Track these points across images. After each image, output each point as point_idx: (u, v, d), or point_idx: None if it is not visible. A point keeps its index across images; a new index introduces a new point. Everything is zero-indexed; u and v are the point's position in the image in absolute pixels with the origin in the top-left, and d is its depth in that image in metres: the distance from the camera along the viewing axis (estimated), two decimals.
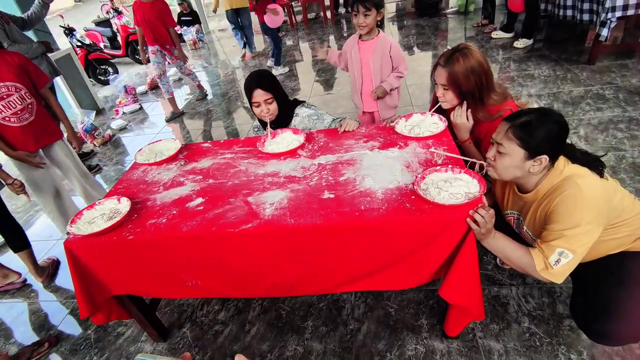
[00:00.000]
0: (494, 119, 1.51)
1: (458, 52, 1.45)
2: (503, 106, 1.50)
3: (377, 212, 1.24)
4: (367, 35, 2.16)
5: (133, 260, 1.40)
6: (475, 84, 1.45)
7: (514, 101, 1.56)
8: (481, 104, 1.51)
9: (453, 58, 1.45)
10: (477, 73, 1.44)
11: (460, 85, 1.46)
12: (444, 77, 1.49)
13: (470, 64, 1.43)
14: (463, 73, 1.44)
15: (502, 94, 1.53)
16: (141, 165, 1.78)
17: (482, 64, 1.45)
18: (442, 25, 5.99)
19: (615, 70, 3.59)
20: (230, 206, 1.40)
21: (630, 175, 2.30)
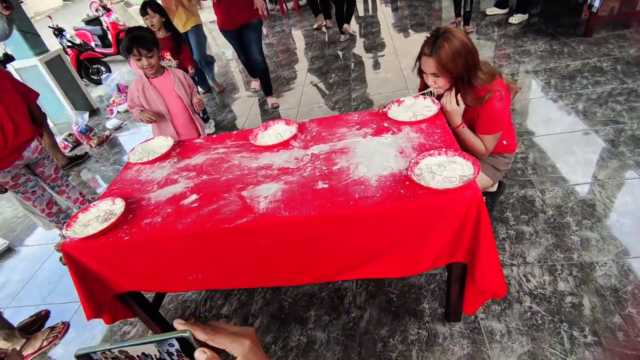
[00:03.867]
0: (484, 102, 1.48)
1: (441, 37, 1.42)
2: (492, 86, 1.48)
3: (371, 200, 1.23)
4: (155, 73, 2.15)
5: (131, 260, 1.40)
6: (463, 65, 1.43)
7: (503, 79, 1.53)
8: (469, 85, 1.48)
9: (437, 45, 1.42)
10: (463, 54, 1.42)
11: (450, 69, 1.44)
12: (432, 66, 1.46)
13: (455, 46, 1.41)
14: (450, 57, 1.41)
15: (489, 73, 1.50)
16: (134, 165, 1.77)
17: (466, 44, 1.43)
18: (436, 5, 5.88)
19: (612, 41, 3.52)
20: (224, 201, 1.39)
21: (630, 148, 2.27)
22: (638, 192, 1.99)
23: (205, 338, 0.54)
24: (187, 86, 2.26)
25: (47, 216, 2.42)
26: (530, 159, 2.39)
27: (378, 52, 4.69)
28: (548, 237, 1.87)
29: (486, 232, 1.20)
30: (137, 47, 2.00)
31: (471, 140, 1.58)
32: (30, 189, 2.28)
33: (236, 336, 0.57)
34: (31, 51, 4.29)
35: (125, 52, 2.04)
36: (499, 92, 1.47)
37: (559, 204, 2.03)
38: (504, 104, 1.50)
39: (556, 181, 2.18)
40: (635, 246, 1.74)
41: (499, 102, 1.48)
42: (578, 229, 1.88)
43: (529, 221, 1.98)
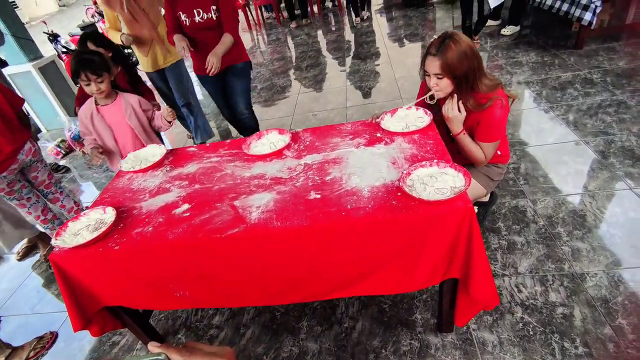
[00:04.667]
0: (485, 108, 1.50)
1: (448, 38, 1.44)
2: (494, 94, 1.50)
3: (363, 210, 1.23)
4: (106, 99, 1.99)
5: (121, 271, 1.38)
6: (468, 67, 1.45)
7: (504, 90, 1.55)
8: (472, 90, 1.50)
9: (445, 45, 1.44)
10: (469, 57, 1.44)
11: (455, 70, 1.45)
12: (437, 66, 1.47)
13: (462, 48, 1.43)
14: (457, 58, 1.43)
15: (493, 81, 1.52)
16: (126, 173, 1.76)
17: (472, 47, 1.45)
18: (430, 16, 5.96)
19: (602, 53, 3.59)
20: (216, 211, 1.39)
21: (620, 159, 2.31)
22: (628, 204, 2.01)
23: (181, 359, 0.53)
24: (141, 113, 2.07)
25: (42, 222, 2.40)
26: (522, 169, 2.42)
27: (372, 61, 4.73)
28: (539, 247, 1.89)
29: (478, 243, 1.20)
30: (85, 71, 1.83)
31: (471, 147, 1.59)
32: (25, 195, 2.27)
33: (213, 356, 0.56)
34: (25, 57, 4.28)
35: (73, 76, 1.87)
36: (500, 101, 1.49)
37: (550, 214, 2.05)
38: (504, 113, 1.52)
39: (547, 191, 2.20)
40: (625, 257, 1.75)
41: (500, 111, 1.50)
42: (569, 240, 1.89)
43: (521, 231, 1.99)
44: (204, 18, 2.37)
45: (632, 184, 2.12)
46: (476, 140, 1.61)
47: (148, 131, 2.14)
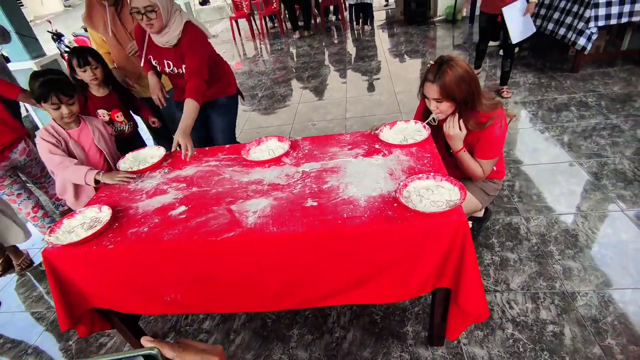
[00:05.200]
0: (485, 128, 1.53)
1: (444, 64, 1.47)
2: (494, 113, 1.53)
3: (359, 220, 1.24)
4: (73, 123, 1.84)
5: (113, 271, 1.38)
6: (466, 91, 1.48)
7: (503, 110, 1.59)
8: (472, 110, 1.53)
9: (441, 71, 1.47)
10: (467, 81, 1.47)
11: (454, 95, 1.48)
12: (435, 92, 1.50)
13: (459, 73, 1.45)
14: (454, 83, 1.46)
15: (492, 100, 1.56)
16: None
17: (468, 71, 1.48)
18: (430, 34, 6.07)
19: (598, 78, 3.67)
20: (213, 214, 1.39)
21: (612, 181, 2.34)
22: (619, 225, 2.04)
23: (173, 355, 0.54)
24: (108, 137, 1.96)
25: (32, 220, 2.38)
26: (517, 186, 2.45)
27: (373, 75, 4.80)
28: (532, 264, 1.90)
29: (470, 255, 1.21)
30: (56, 93, 1.68)
31: (470, 164, 1.62)
32: (15, 191, 2.25)
33: (205, 353, 0.57)
34: (27, 54, 4.29)
35: (40, 99, 1.70)
36: (500, 120, 1.53)
37: (543, 232, 2.07)
38: (503, 132, 1.56)
39: (541, 210, 2.23)
40: (615, 278, 1.77)
41: (499, 129, 1.54)
42: (561, 258, 1.91)
43: (514, 248, 2.01)
44: (175, 71, 2.09)
45: (624, 206, 2.15)
46: (475, 157, 1.63)
47: (116, 158, 1.92)
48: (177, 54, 2.01)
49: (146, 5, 1.77)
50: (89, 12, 2.40)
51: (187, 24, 1.97)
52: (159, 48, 2.03)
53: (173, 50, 2.00)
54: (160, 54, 2.05)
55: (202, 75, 1.94)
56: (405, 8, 6.74)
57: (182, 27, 1.93)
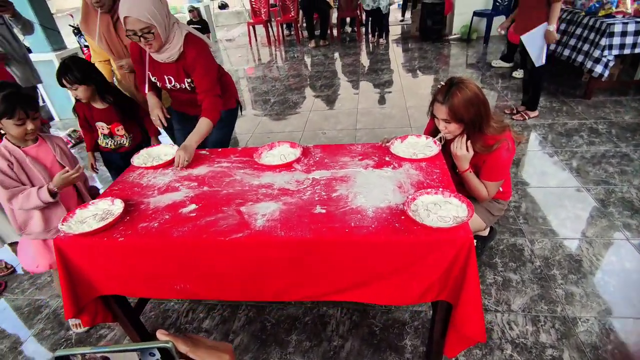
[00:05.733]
0: (492, 151, 1.55)
1: (454, 86, 1.50)
2: (501, 136, 1.55)
3: (366, 229, 1.26)
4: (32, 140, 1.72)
5: (122, 262, 1.40)
6: (475, 113, 1.49)
7: (511, 132, 1.60)
8: (480, 132, 1.54)
9: (450, 93, 1.49)
10: (475, 104, 1.48)
11: (462, 117, 1.50)
12: (444, 113, 1.52)
13: (468, 95, 1.47)
14: (463, 105, 1.48)
15: (500, 123, 1.57)
16: (137, 168, 1.80)
17: (478, 94, 1.50)
18: (445, 51, 6.12)
19: (609, 106, 3.68)
20: (222, 214, 1.42)
21: (619, 209, 2.34)
22: (624, 254, 2.03)
23: (187, 350, 0.55)
24: (70, 156, 1.82)
25: None
26: (523, 208, 2.45)
27: (385, 88, 4.85)
28: (534, 287, 1.90)
29: (473, 275, 1.22)
30: (24, 108, 1.57)
31: (475, 185, 1.63)
32: None
33: (216, 350, 0.59)
34: (49, 46, 4.40)
35: (4, 114, 1.55)
36: (507, 143, 1.54)
37: (547, 255, 2.07)
38: (510, 155, 1.57)
39: (546, 233, 2.23)
40: (618, 306, 1.77)
41: (506, 153, 1.55)
42: (563, 283, 1.91)
43: (517, 269, 2.01)
44: (176, 87, 2.01)
45: (630, 235, 2.15)
46: (481, 179, 1.65)
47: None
48: (180, 69, 1.92)
49: (142, 28, 1.66)
50: (85, 16, 2.25)
51: (188, 35, 1.87)
52: (158, 64, 1.93)
53: (175, 65, 1.91)
54: (159, 70, 1.96)
55: (215, 92, 1.93)
56: (421, 24, 6.81)
57: (183, 40, 1.84)
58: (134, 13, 1.62)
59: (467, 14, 6.31)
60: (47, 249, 1.80)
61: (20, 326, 2.04)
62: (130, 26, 1.66)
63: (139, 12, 1.62)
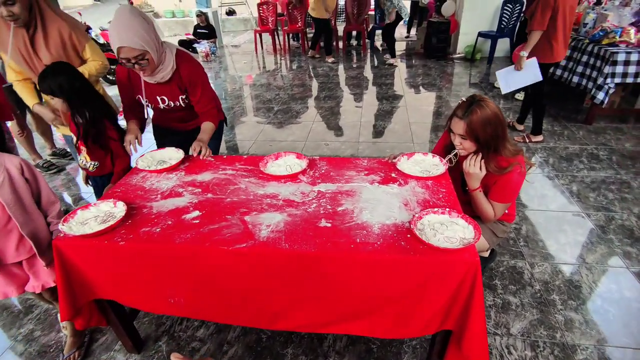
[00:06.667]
0: (504, 173, 1.54)
1: (475, 104, 1.49)
2: (514, 160, 1.55)
3: (372, 246, 1.25)
4: None
5: (122, 267, 1.38)
6: (492, 134, 1.49)
7: (524, 157, 1.60)
8: (495, 153, 1.55)
9: (470, 110, 1.49)
10: (494, 123, 1.48)
11: (478, 135, 1.50)
12: (462, 128, 1.52)
13: (487, 114, 1.47)
14: (481, 123, 1.47)
15: (515, 147, 1.58)
16: (141, 171, 1.78)
17: (498, 115, 1.50)
18: (448, 69, 6.19)
19: (610, 132, 3.71)
20: (226, 223, 1.40)
21: (619, 237, 2.34)
22: (623, 282, 2.03)
23: None
24: (21, 184, 1.43)
25: None
26: (523, 230, 2.45)
27: (389, 103, 4.87)
28: (533, 311, 1.89)
29: (479, 298, 1.21)
30: None
31: (484, 204, 1.63)
32: None
33: None
34: None
35: None
36: (519, 167, 1.54)
37: (547, 280, 2.06)
38: (521, 179, 1.57)
39: (546, 257, 2.22)
40: (617, 335, 1.75)
41: (518, 176, 1.55)
42: (563, 309, 1.89)
43: (516, 292, 1.99)
44: (170, 106, 1.97)
45: (629, 263, 2.15)
46: (489, 199, 1.64)
47: (30, 211, 1.46)
48: (174, 87, 1.90)
49: (136, 55, 1.65)
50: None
51: (178, 52, 1.86)
52: (150, 86, 1.89)
53: (168, 84, 1.89)
54: (152, 92, 1.91)
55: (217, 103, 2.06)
56: (426, 42, 6.89)
57: (175, 58, 1.83)
58: (126, 42, 1.62)
59: (472, 34, 6.40)
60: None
61: (11, 325, 1.99)
62: (123, 55, 1.65)
63: (132, 40, 1.62)
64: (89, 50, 2.11)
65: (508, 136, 1.57)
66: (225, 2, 10.86)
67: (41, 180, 1.53)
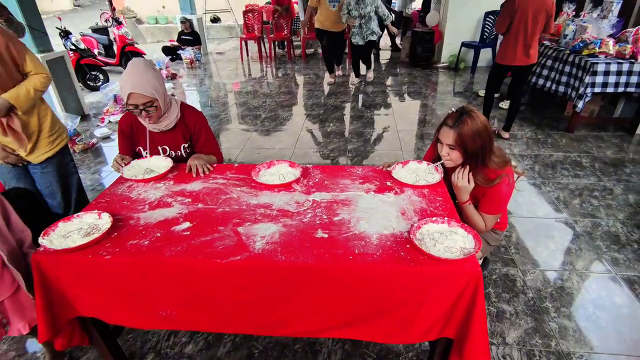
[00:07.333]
0: (492, 185, 1.54)
1: (465, 114, 1.49)
2: (502, 171, 1.54)
3: (371, 257, 1.21)
4: None
5: (108, 282, 1.30)
6: (480, 146, 1.48)
7: (512, 168, 1.60)
8: (482, 165, 1.54)
9: (461, 120, 1.48)
10: (483, 135, 1.48)
11: (467, 146, 1.49)
12: (451, 138, 1.51)
13: (477, 126, 1.47)
14: (470, 135, 1.47)
15: (502, 158, 1.57)
16: (127, 181, 1.71)
17: (487, 127, 1.49)
18: (433, 78, 6.28)
19: (591, 140, 3.81)
20: (218, 235, 1.35)
21: (606, 243, 2.38)
22: (613, 288, 2.05)
23: None
24: None
25: None
26: (514, 237, 2.46)
27: (376, 111, 4.89)
28: (528, 319, 1.88)
29: (481, 308, 1.19)
30: None
31: (474, 216, 1.61)
32: None
33: None
34: (35, 48, 4.25)
35: None
36: (508, 178, 1.53)
37: (539, 287, 2.07)
38: (510, 190, 1.56)
39: (537, 264, 2.24)
40: (610, 342, 1.76)
41: (506, 187, 1.54)
42: (557, 316, 1.90)
43: (510, 300, 1.99)
44: (171, 156, 1.94)
45: (617, 269, 2.18)
46: (479, 211, 1.63)
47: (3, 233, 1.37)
48: (177, 135, 1.91)
49: (145, 102, 1.68)
50: None
51: (182, 103, 1.93)
52: (154, 136, 1.87)
53: (172, 133, 1.89)
54: (153, 141, 1.88)
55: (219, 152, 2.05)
56: (411, 51, 6.99)
57: (179, 108, 1.88)
58: (138, 89, 1.66)
59: (456, 44, 6.52)
60: None
61: None
62: (133, 101, 1.68)
63: (143, 87, 1.67)
64: (30, 63, 1.86)
65: (495, 148, 1.57)
66: (210, 10, 10.79)
67: (8, 205, 1.43)
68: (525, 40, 3.40)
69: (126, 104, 1.70)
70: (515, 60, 3.51)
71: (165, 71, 6.58)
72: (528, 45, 3.42)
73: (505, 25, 3.45)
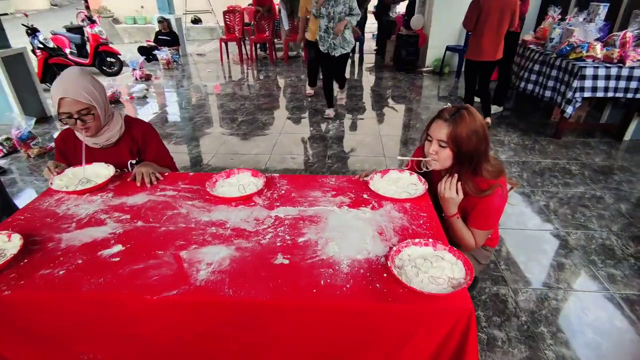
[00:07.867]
0: (484, 196, 1.33)
1: (464, 109, 1.29)
2: (496, 181, 1.33)
3: (339, 290, 0.99)
4: None
5: (9, 324, 1.04)
6: (474, 147, 1.28)
7: (506, 178, 1.40)
8: (474, 173, 1.33)
9: (459, 114, 1.27)
10: (479, 137, 1.27)
11: (461, 144, 1.27)
12: (444, 133, 1.29)
13: (475, 125, 1.27)
14: (466, 132, 1.26)
15: (497, 167, 1.36)
16: (56, 192, 1.44)
17: (485, 129, 1.29)
18: (418, 82, 6.14)
19: (579, 147, 3.69)
20: (155, 261, 1.10)
21: (602, 257, 2.21)
22: (612, 309, 1.87)
23: None
24: None
25: None
26: (504, 252, 2.27)
27: (358, 115, 4.70)
28: (522, 347, 1.68)
29: (473, 351, 0.97)
30: None
31: (463, 232, 1.39)
32: None
33: None
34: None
35: None
36: (501, 189, 1.33)
37: (533, 309, 1.87)
38: (502, 202, 1.35)
39: (529, 282, 2.04)
40: None
41: (499, 200, 1.33)
42: (553, 343, 1.70)
43: (502, 325, 1.79)
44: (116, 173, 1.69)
45: (615, 287, 2.00)
46: (469, 226, 1.42)
47: None
48: (123, 150, 1.67)
49: (80, 109, 1.46)
50: None
51: (126, 116, 1.70)
52: (92, 151, 1.60)
53: (114, 148, 1.65)
54: (92, 159, 1.59)
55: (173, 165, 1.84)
56: (395, 55, 6.85)
57: (123, 120, 1.65)
58: (71, 94, 1.43)
59: (440, 48, 6.40)
60: None
61: None
62: (65, 108, 1.45)
63: (77, 92, 1.44)
64: None
65: (490, 157, 1.36)
66: (191, 10, 10.50)
67: None
68: (492, 36, 3.62)
69: (58, 113, 1.45)
70: (483, 55, 3.72)
71: (139, 71, 6.27)
72: (495, 41, 3.65)
73: (472, 22, 3.68)
